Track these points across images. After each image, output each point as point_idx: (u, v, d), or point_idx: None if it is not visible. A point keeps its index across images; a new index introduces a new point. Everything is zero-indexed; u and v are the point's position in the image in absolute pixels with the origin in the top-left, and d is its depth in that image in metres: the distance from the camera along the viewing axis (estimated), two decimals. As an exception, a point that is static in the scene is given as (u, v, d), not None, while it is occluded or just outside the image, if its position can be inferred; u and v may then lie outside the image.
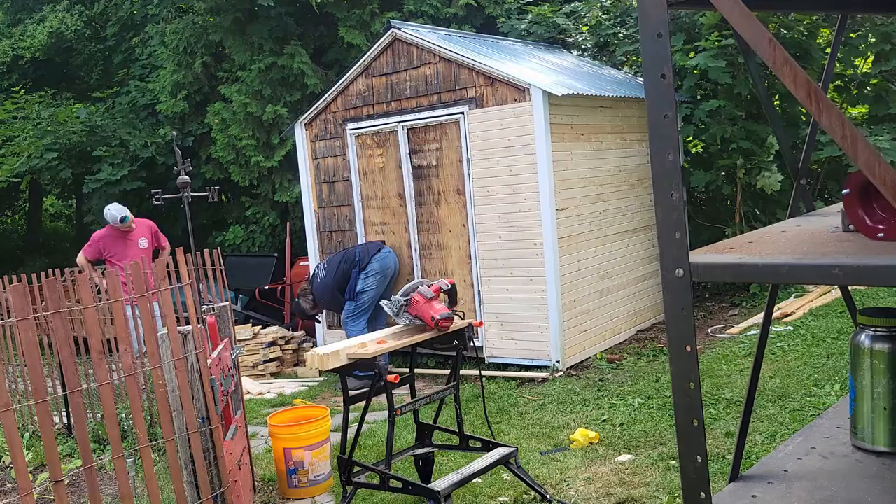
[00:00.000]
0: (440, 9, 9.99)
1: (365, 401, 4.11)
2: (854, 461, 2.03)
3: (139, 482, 4.19)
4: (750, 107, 8.44)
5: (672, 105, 1.56)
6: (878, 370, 1.98)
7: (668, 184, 1.58)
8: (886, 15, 6.43)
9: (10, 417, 2.58)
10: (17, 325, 2.66)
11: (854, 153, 1.34)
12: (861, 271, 1.41)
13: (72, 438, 5.77)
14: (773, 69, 1.40)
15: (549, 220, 6.50)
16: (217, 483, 3.35)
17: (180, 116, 11.23)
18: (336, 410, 5.41)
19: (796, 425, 4.61)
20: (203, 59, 10.65)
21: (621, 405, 5.48)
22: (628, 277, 7.66)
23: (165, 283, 3.25)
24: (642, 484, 4.15)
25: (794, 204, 2.29)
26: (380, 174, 7.53)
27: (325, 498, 4.53)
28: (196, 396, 3.27)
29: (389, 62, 7.34)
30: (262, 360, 7.83)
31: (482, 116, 6.75)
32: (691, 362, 1.60)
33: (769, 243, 1.76)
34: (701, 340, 6.98)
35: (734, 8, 1.44)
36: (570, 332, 6.71)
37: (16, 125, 11.83)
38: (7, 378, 6.06)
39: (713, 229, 8.88)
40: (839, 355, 5.89)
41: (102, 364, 2.96)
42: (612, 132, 7.44)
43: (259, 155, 10.15)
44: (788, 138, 8.29)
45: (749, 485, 2.02)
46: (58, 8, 12.78)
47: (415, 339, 4.06)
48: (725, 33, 8.06)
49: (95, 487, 2.83)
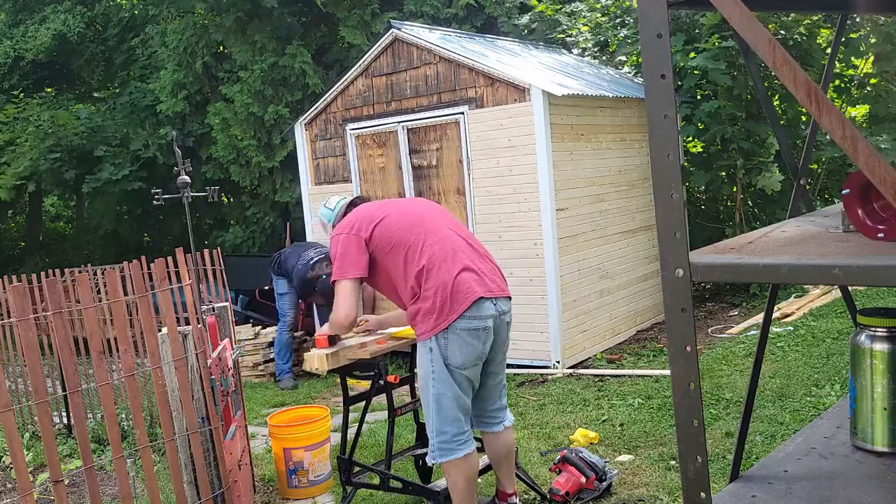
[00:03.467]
0: (440, 9, 9.99)
1: (365, 401, 4.11)
2: (854, 461, 2.03)
3: (139, 482, 4.19)
4: (750, 107, 8.44)
5: (672, 105, 1.56)
6: (878, 370, 1.98)
7: (668, 184, 1.58)
8: (886, 15, 6.43)
9: (10, 417, 2.58)
10: (17, 325, 2.66)
11: (854, 153, 1.34)
12: (861, 271, 1.41)
13: (72, 438, 5.77)
14: (773, 69, 1.40)
15: (550, 220, 6.50)
16: (217, 483, 3.35)
17: (181, 116, 11.23)
18: (336, 410, 5.42)
19: (796, 425, 4.61)
20: (204, 58, 10.65)
21: (621, 405, 5.48)
22: (628, 277, 7.66)
23: (165, 283, 3.25)
24: (642, 484, 4.15)
25: (794, 204, 2.28)
26: (380, 174, 7.53)
27: (325, 498, 4.53)
28: (196, 396, 3.27)
29: (389, 62, 7.34)
30: (262, 360, 7.82)
31: (482, 116, 6.75)
32: (691, 362, 1.60)
33: (769, 243, 1.76)
34: (701, 340, 6.98)
35: (734, 8, 1.44)
36: (570, 332, 6.71)
37: (17, 127, 11.82)
38: (7, 378, 6.07)
39: (713, 229, 8.89)
40: (839, 355, 5.89)
41: (102, 364, 2.96)
42: (612, 132, 7.44)
43: (260, 155, 10.15)
44: (788, 138, 8.29)
45: (749, 485, 2.02)
46: (59, 9, 12.76)
47: (415, 339, 4.06)
48: (725, 34, 8.06)
49: (95, 487, 2.83)
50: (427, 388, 3.41)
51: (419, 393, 3.60)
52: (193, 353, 3.27)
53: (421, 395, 3.51)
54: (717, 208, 9.79)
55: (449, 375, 3.34)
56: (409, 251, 3.42)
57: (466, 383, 3.40)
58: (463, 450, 3.41)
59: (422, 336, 3.39)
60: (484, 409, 3.60)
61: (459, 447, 3.40)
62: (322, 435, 4.60)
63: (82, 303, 2.93)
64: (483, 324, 3.32)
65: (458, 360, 3.33)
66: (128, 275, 5.78)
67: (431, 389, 3.38)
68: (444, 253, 3.38)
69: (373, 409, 4.40)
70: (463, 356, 3.33)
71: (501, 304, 3.41)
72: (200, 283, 6.26)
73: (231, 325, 4.20)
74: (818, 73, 8.20)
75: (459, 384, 3.37)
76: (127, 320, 3.36)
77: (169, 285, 3.27)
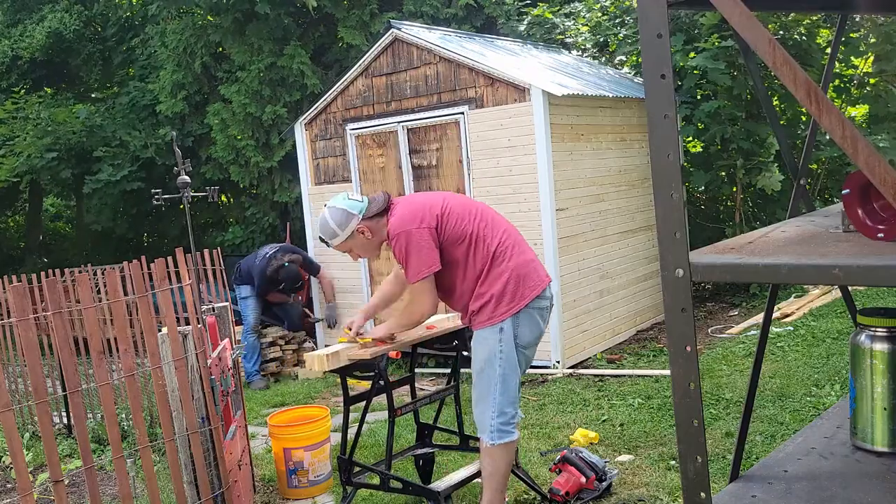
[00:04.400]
0: (440, 9, 9.98)
1: (365, 401, 4.11)
2: (854, 461, 2.03)
3: (139, 482, 4.19)
4: (750, 107, 8.44)
5: (672, 105, 1.56)
6: (878, 370, 1.98)
7: (668, 184, 1.58)
8: (886, 15, 6.43)
9: (10, 417, 2.58)
10: (17, 325, 2.66)
11: (854, 153, 1.34)
12: (861, 271, 1.41)
13: (72, 438, 5.77)
14: (773, 69, 1.40)
15: (549, 220, 6.50)
16: (217, 483, 3.35)
17: (180, 116, 11.23)
18: (336, 410, 5.42)
19: (796, 425, 4.61)
20: (203, 59, 10.65)
21: (621, 405, 5.48)
22: (628, 277, 7.66)
23: (165, 283, 3.25)
24: (642, 484, 4.15)
25: (794, 204, 2.29)
26: (380, 174, 7.53)
27: (325, 498, 4.53)
28: (196, 396, 3.27)
29: (389, 62, 7.34)
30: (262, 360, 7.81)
31: (482, 117, 6.75)
32: (691, 362, 1.60)
33: (769, 243, 1.76)
34: (701, 340, 6.98)
35: (734, 8, 1.44)
36: (570, 332, 6.71)
37: (15, 125, 11.82)
38: (7, 378, 6.07)
39: (713, 229, 8.89)
40: (839, 355, 5.89)
41: (102, 364, 2.96)
42: (612, 132, 7.44)
43: (258, 155, 10.15)
44: (788, 138, 8.29)
45: (749, 485, 2.02)
46: (57, 7, 12.74)
47: (415, 339, 4.06)
48: (725, 34, 8.07)
49: (95, 487, 2.83)
50: (492, 369, 3.49)
51: (420, 393, 3.61)
52: (193, 353, 3.27)
53: (477, 379, 3.56)
54: (717, 208, 9.79)
55: (516, 356, 3.51)
56: (477, 240, 3.51)
57: (525, 365, 3.61)
58: (516, 433, 3.56)
59: (493, 319, 3.47)
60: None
61: (514, 430, 3.54)
62: (322, 435, 4.60)
63: (82, 303, 2.93)
64: (549, 303, 3.59)
65: (527, 338, 3.53)
66: (128, 275, 5.79)
67: (498, 370, 3.48)
68: (511, 240, 3.56)
69: (373, 409, 4.40)
70: (532, 335, 3.55)
71: (550, 290, 3.64)
72: (200, 283, 6.27)
73: (231, 325, 4.20)
74: (818, 73, 8.20)
75: (521, 365, 3.56)
76: (127, 320, 3.36)
77: (169, 285, 3.27)
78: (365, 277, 7.79)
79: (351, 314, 8.01)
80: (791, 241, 1.78)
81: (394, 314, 3.93)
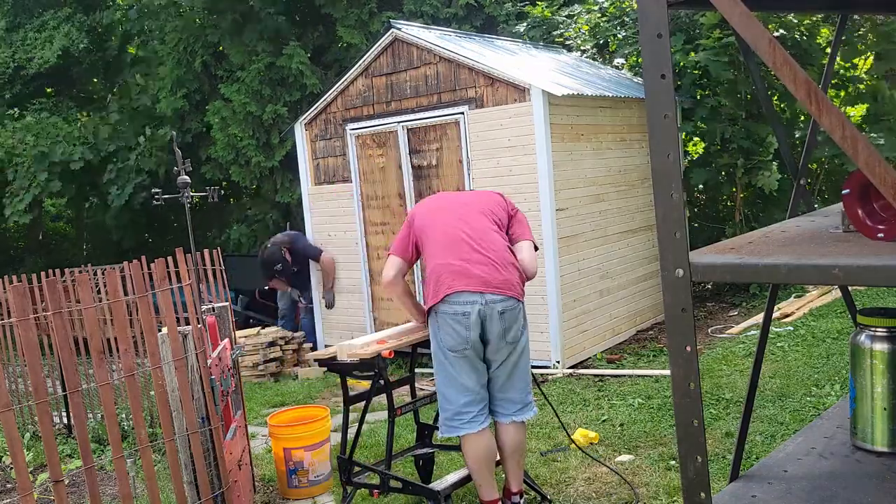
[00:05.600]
0: (440, 9, 9.98)
1: (365, 401, 4.11)
2: (854, 461, 2.03)
3: (139, 482, 4.19)
4: (750, 106, 8.44)
5: (672, 105, 1.56)
6: (878, 370, 1.98)
7: (668, 184, 1.58)
8: (886, 15, 6.43)
9: (10, 417, 2.58)
10: (17, 325, 2.66)
11: (854, 153, 1.34)
12: (861, 271, 1.41)
13: (72, 438, 5.77)
14: (773, 69, 1.40)
15: (549, 220, 6.50)
16: (217, 483, 3.35)
17: (180, 115, 11.22)
18: (336, 410, 5.41)
19: (796, 425, 4.61)
20: (203, 57, 10.65)
21: (621, 405, 5.48)
22: (628, 277, 7.66)
23: (165, 283, 3.24)
24: (642, 484, 4.15)
25: (794, 204, 2.29)
26: (380, 174, 7.53)
27: (325, 498, 4.52)
28: (196, 396, 3.27)
29: (389, 62, 7.34)
30: (262, 360, 7.82)
31: (482, 117, 6.75)
32: (691, 362, 1.60)
33: (769, 243, 1.76)
34: (701, 340, 6.98)
35: (734, 8, 1.44)
36: (570, 332, 6.71)
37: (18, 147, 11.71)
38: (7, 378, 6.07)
39: (713, 229, 8.88)
40: (839, 355, 5.89)
41: (102, 364, 2.96)
42: (612, 132, 7.44)
43: (259, 155, 10.14)
44: (788, 138, 8.29)
45: (749, 485, 2.02)
46: (59, 15, 12.65)
47: (414, 339, 4.06)
48: (726, 31, 8.06)
49: (95, 487, 2.83)
50: (436, 361, 3.73)
51: (419, 393, 3.63)
52: (193, 353, 3.27)
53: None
54: (717, 208, 9.78)
55: (443, 356, 3.64)
56: (427, 238, 3.79)
57: (460, 365, 3.62)
58: (465, 429, 3.62)
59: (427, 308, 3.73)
60: (492, 396, 3.76)
61: (462, 426, 3.62)
62: (322, 435, 4.59)
63: (82, 303, 2.92)
64: (462, 309, 3.55)
65: (446, 341, 3.61)
66: (128, 275, 5.78)
67: (436, 364, 3.71)
68: (445, 241, 3.70)
69: (373, 409, 4.40)
70: (450, 339, 3.60)
71: (489, 297, 3.58)
72: (200, 283, 6.26)
73: (231, 324, 4.20)
74: (818, 73, 8.20)
75: (452, 365, 3.63)
76: (127, 320, 3.36)
77: (169, 285, 3.27)
78: (365, 278, 7.80)
79: (351, 314, 8.04)
80: (791, 240, 1.78)
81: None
